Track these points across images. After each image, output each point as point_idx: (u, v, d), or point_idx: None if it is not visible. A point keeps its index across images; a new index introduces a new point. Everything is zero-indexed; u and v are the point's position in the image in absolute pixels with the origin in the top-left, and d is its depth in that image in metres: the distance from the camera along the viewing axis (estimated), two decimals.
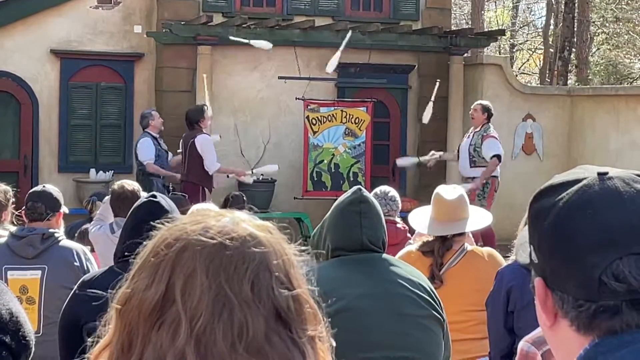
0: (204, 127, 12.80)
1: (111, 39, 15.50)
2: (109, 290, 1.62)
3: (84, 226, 8.06)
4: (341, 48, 13.45)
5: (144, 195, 4.57)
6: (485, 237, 12.53)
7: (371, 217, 3.96)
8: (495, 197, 13.27)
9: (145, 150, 13.12)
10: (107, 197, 7.23)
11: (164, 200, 4.22)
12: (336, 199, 4.19)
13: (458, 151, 13.68)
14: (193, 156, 12.62)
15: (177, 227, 1.59)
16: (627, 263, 1.48)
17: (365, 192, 4.05)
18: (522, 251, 1.63)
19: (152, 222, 1.64)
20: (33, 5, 15.09)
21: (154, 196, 4.23)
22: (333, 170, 14.89)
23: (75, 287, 4.33)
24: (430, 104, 14.14)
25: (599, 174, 1.54)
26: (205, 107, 13.01)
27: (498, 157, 13.07)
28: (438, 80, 14.38)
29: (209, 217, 1.59)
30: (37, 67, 15.18)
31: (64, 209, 6.14)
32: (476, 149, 13.19)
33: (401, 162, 14.67)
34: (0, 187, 6.52)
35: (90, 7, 15.41)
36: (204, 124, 12.81)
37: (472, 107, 13.63)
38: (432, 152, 14.16)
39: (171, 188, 12.85)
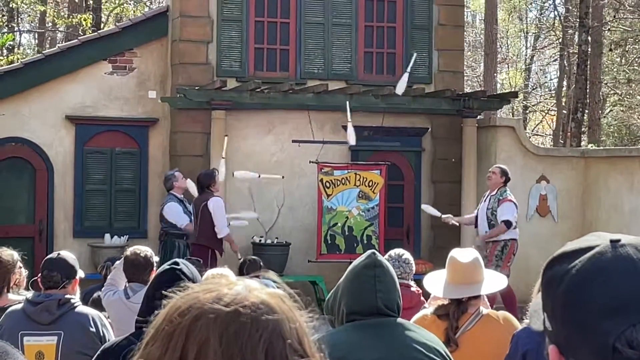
0: (215, 191, 12.82)
1: (126, 105, 15.61)
2: None
3: (96, 293, 8.02)
4: None
5: (165, 264, 4.53)
6: (506, 298, 12.49)
7: (386, 282, 3.96)
8: (513, 260, 13.22)
9: (178, 214, 13.10)
10: (118, 262, 7.21)
11: (186, 267, 4.19)
12: (350, 262, 4.19)
13: (476, 216, 13.67)
14: (205, 219, 12.61)
15: (190, 295, 1.59)
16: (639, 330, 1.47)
17: (380, 257, 4.05)
18: (536, 318, 1.63)
19: (164, 291, 1.64)
20: (48, 72, 15.24)
21: (177, 263, 4.22)
22: (347, 233, 14.87)
23: (96, 354, 4.32)
24: (406, 75, 14.50)
25: (611, 241, 1.54)
26: (216, 172, 13.06)
27: (507, 223, 13.03)
28: (414, 52, 14.88)
29: (221, 285, 1.60)
30: (52, 133, 15.28)
31: (80, 274, 6.13)
32: (493, 213, 13.18)
33: (426, 207, 14.52)
34: (7, 251, 6.52)
35: (105, 73, 15.55)
36: (215, 187, 12.84)
37: (490, 170, 13.64)
38: (450, 216, 14.13)
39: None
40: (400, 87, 14.62)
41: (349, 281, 4.00)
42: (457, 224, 14.27)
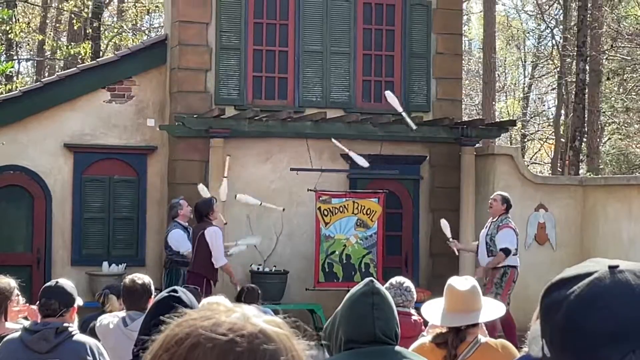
0: (213, 219, 12.78)
1: (124, 133, 15.62)
2: None
3: (93, 323, 7.98)
4: None
5: (163, 291, 4.52)
6: (505, 327, 12.46)
7: (384, 309, 3.94)
8: (513, 288, 13.17)
9: (182, 241, 13.11)
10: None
11: (184, 294, 4.18)
12: (348, 290, 4.18)
13: (478, 241, 13.65)
14: (201, 248, 12.55)
15: (187, 322, 1.57)
16: (639, 356, 1.47)
17: (378, 284, 4.03)
18: (535, 345, 1.62)
19: (162, 317, 1.63)
20: (47, 100, 15.25)
21: (175, 291, 4.21)
22: (345, 261, 14.84)
23: None
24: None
25: (609, 267, 1.54)
26: (214, 200, 13.03)
27: (505, 250, 12.97)
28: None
29: (219, 312, 1.58)
30: (51, 161, 15.28)
31: (79, 302, 6.10)
32: (492, 239, 13.17)
33: (444, 225, 14.07)
34: (4, 279, 6.49)
35: (104, 101, 15.57)
36: (213, 216, 12.80)
37: (491, 197, 13.64)
38: (455, 242, 13.95)
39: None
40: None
41: (346, 309, 3.98)
42: (457, 253, 14.18)
